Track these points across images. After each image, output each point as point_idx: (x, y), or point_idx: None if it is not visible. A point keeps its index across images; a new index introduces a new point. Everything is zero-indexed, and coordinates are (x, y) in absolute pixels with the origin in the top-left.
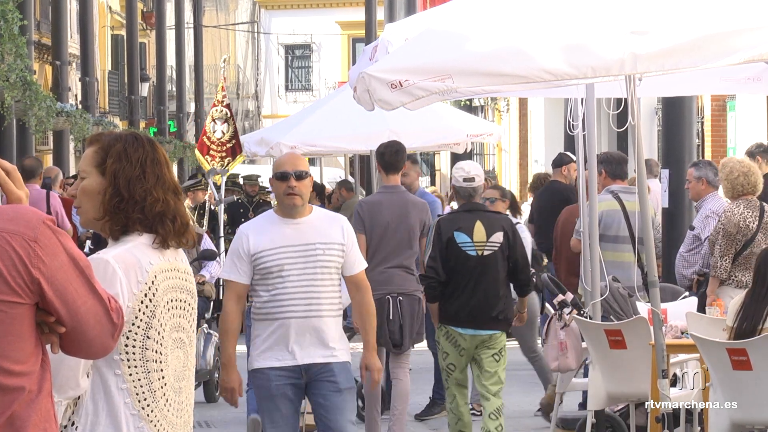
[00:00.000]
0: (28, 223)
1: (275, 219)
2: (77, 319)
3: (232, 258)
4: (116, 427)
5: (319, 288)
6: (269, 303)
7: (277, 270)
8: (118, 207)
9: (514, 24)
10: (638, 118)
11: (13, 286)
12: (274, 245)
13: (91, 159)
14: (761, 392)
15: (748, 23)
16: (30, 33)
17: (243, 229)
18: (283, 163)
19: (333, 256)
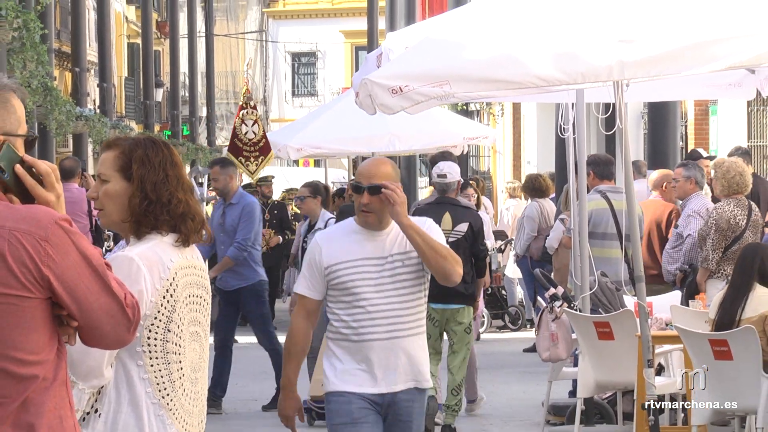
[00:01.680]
0: (39, 222)
1: (354, 229)
2: (89, 314)
3: (304, 270)
4: (138, 414)
5: (401, 305)
6: (345, 323)
7: (352, 286)
8: (147, 210)
9: (508, 33)
10: (625, 121)
11: (24, 282)
12: (349, 258)
13: (112, 163)
14: (741, 381)
15: (728, 32)
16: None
17: (317, 239)
18: (360, 174)
19: (412, 266)
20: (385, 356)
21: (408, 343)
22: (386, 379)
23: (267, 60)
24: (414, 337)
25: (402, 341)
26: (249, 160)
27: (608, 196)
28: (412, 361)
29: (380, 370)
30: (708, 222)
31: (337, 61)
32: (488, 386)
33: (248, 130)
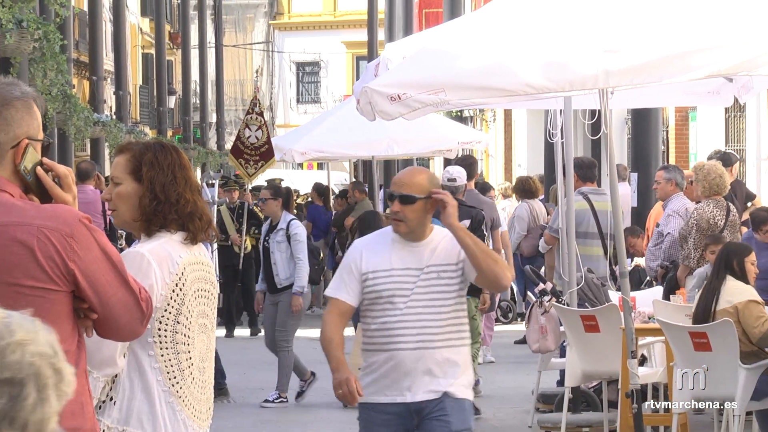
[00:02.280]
0: (65, 220)
1: (393, 238)
2: (108, 307)
3: (341, 273)
4: (150, 402)
5: (434, 317)
6: (378, 332)
7: (387, 296)
8: (156, 209)
9: (500, 43)
10: (610, 127)
11: (51, 276)
12: (387, 267)
13: (124, 167)
14: (718, 371)
15: (707, 43)
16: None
17: (358, 245)
18: (394, 182)
19: (449, 279)
20: (414, 366)
21: (439, 354)
22: (413, 389)
23: (273, 69)
24: (446, 349)
25: (432, 352)
26: (249, 163)
27: (589, 198)
28: (440, 373)
29: (408, 380)
30: (689, 222)
31: (339, 70)
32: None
33: (251, 135)
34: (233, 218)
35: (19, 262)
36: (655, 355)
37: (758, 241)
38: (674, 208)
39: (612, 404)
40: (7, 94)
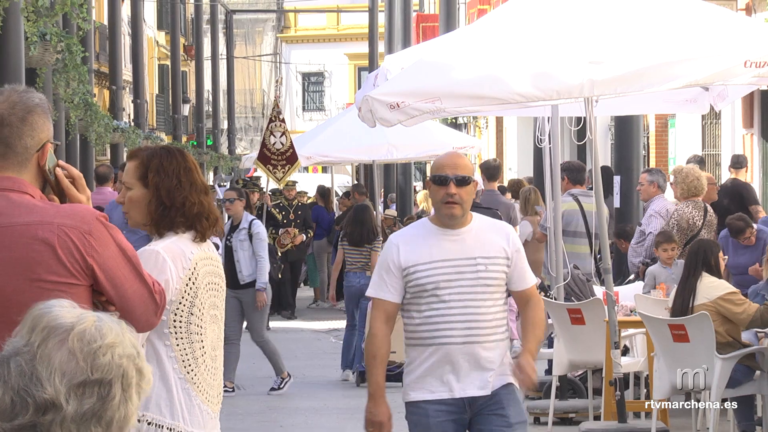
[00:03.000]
0: (83, 218)
1: (431, 229)
2: (125, 299)
3: (380, 272)
4: (168, 388)
5: (481, 309)
6: (422, 326)
7: (432, 288)
8: (162, 214)
9: (492, 55)
10: (595, 133)
11: (72, 271)
12: (428, 259)
13: (133, 173)
14: (696, 361)
15: (685, 55)
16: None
17: (393, 240)
18: (443, 165)
19: (496, 272)
20: (461, 361)
21: (486, 349)
22: (460, 384)
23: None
24: (492, 343)
25: (479, 346)
26: (276, 168)
27: (579, 199)
28: (488, 368)
29: (455, 375)
30: (670, 222)
31: (342, 80)
32: None
33: (276, 141)
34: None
35: (41, 258)
36: (637, 346)
37: (734, 240)
38: (656, 208)
39: (596, 391)
40: (28, 102)
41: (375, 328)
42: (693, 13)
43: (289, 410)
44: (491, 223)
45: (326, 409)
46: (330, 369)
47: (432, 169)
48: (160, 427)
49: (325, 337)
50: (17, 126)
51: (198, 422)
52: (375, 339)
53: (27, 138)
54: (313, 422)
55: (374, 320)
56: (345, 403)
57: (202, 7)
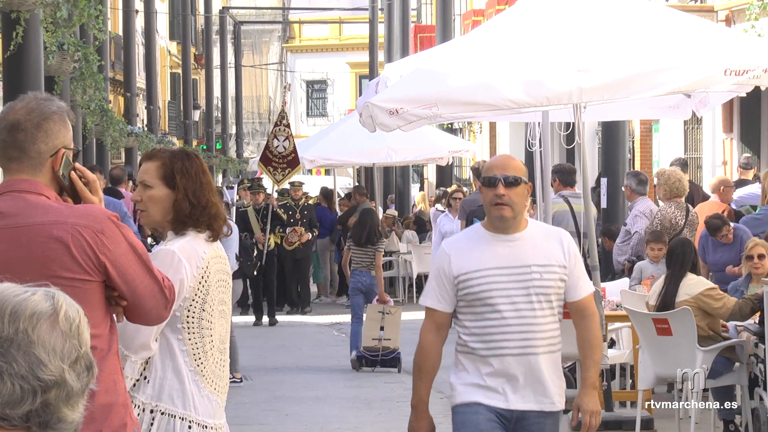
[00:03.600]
0: (96, 218)
1: (484, 235)
2: (136, 294)
3: (431, 281)
4: (180, 380)
5: (537, 319)
6: (476, 336)
7: (485, 297)
8: (191, 213)
9: (486, 64)
10: (583, 137)
11: (85, 267)
12: (481, 267)
13: (155, 172)
14: (678, 353)
15: (669, 63)
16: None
17: (445, 247)
18: (492, 167)
19: (552, 281)
20: (516, 372)
21: (541, 360)
22: (515, 396)
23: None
24: (547, 354)
25: (534, 358)
26: (277, 170)
27: (569, 200)
28: (544, 380)
29: (510, 386)
30: (653, 222)
31: (344, 88)
32: None
33: (279, 145)
34: (258, 219)
35: (56, 256)
36: (623, 339)
37: (713, 239)
38: (640, 209)
39: None
40: (45, 109)
41: (424, 340)
42: (675, 24)
43: (293, 399)
44: (546, 229)
45: (329, 398)
46: (332, 360)
47: (482, 172)
48: (173, 417)
49: (328, 330)
50: (31, 131)
51: (208, 412)
52: (422, 351)
53: (41, 143)
54: (317, 411)
55: (424, 331)
56: (346, 392)
57: (212, 19)
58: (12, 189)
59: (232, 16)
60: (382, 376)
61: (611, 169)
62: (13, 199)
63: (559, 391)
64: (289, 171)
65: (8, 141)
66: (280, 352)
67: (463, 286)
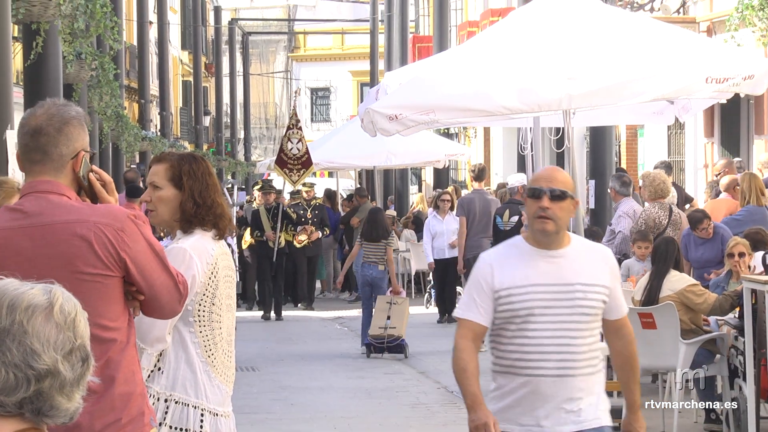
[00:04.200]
0: (116, 217)
1: (526, 249)
2: (153, 289)
3: (470, 291)
4: (192, 370)
5: (577, 340)
6: (512, 354)
7: (525, 314)
8: (197, 212)
9: (481, 72)
10: (572, 141)
11: (107, 263)
12: (524, 282)
13: (163, 174)
14: (662, 345)
15: (653, 72)
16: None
17: (487, 259)
18: (538, 178)
19: (595, 301)
20: (553, 394)
21: (580, 382)
22: (551, 419)
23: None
24: (587, 376)
25: (573, 380)
26: (292, 171)
27: None
28: (582, 402)
29: (546, 409)
30: (638, 222)
31: (346, 95)
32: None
33: (293, 147)
34: (269, 217)
35: (79, 253)
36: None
37: (695, 237)
38: (624, 209)
39: None
40: (65, 114)
41: (461, 344)
42: (659, 34)
43: (298, 389)
44: (590, 246)
45: (332, 388)
46: (336, 353)
47: (529, 183)
48: (186, 405)
49: (331, 324)
50: (53, 135)
51: (218, 400)
52: (462, 353)
53: (62, 146)
54: (321, 400)
55: (460, 338)
56: (349, 383)
57: (222, 30)
58: (35, 190)
59: (240, 27)
60: (382, 367)
61: (599, 171)
62: (36, 199)
63: (595, 411)
64: (303, 171)
65: (31, 145)
66: (286, 344)
67: (504, 302)
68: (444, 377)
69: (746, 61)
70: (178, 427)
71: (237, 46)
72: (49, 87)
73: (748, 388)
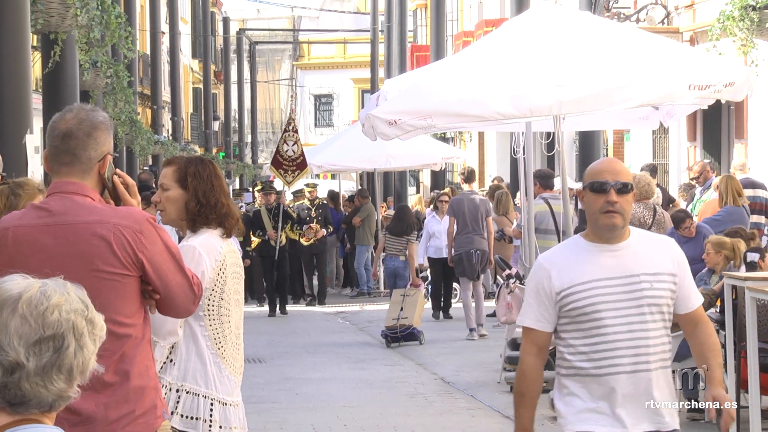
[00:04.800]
0: (135, 219)
1: (586, 246)
2: (168, 289)
3: (529, 298)
4: (202, 362)
5: (649, 333)
6: (583, 355)
7: (591, 312)
8: (200, 211)
9: (475, 80)
10: (562, 145)
11: (125, 263)
12: (586, 279)
13: (172, 176)
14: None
15: (639, 79)
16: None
17: (543, 262)
18: (601, 171)
19: (663, 290)
20: (630, 391)
21: (654, 377)
22: (631, 418)
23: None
24: (660, 371)
25: (648, 375)
26: (287, 172)
27: (549, 202)
28: (657, 399)
29: (624, 408)
30: None
31: (348, 101)
32: (461, 341)
33: (288, 149)
34: (270, 217)
35: (99, 252)
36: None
37: (679, 236)
38: None
39: None
40: (94, 119)
41: (525, 364)
42: (645, 44)
43: (303, 380)
44: (652, 237)
45: (334, 379)
46: (338, 345)
47: (588, 176)
48: (196, 395)
49: (334, 318)
50: (83, 139)
51: (227, 390)
52: (524, 377)
53: (91, 150)
54: (324, 390)
55: (525, 354)
56: (350, 374)
57: (230, 39)
58: (60, 190)
59: (247, 36)
60: (382, 359)
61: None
62: (61, 199)
63: (671, 410)
64: (298, 173)
65: (61, 148)
66: (291, 338)
67: (567, 301)
68: (440, 369)
69: (727, 70)
70: (189, 416)
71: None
72: (66, 94)
73: (728, 379)
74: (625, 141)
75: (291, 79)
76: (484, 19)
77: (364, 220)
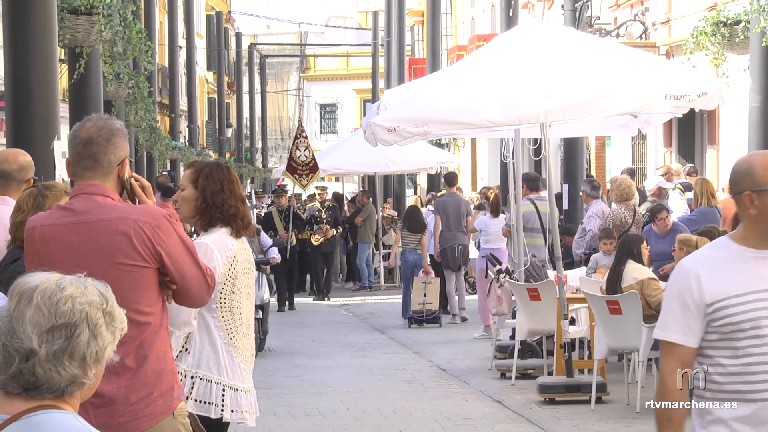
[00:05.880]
0: (153, 215)
1: (737, 251)
2: (184, 280)
3: (672, 308)
4: (215, 351)
5: None
6: (738, 376)
7: (749, 327)
8: (204, 210)
9: (468, 90)
10: (548, 150)
11: (144, 256)
12: (742, 290)
13: (188, 178)
14: (627, 329)
15: (619, 90)
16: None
17: (689, 266)
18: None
19: None
20: None
21: None
22: None
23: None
24: None
25: None
26: (302, 176)
27: (535, 203)
28: None
29: None
30: (606, 221)
31: (351, 110)
32: (453, 331)
33: (301, 154)
34: (281, 218)
35: (121, 247)
36: (581, 317)
37: (655, 233)
38: (594, 210)
39: (550, 353)
40: (112, 127)
41: (668, 383)
42: (624, 57)
43: (309, 368)
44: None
45: (338, 366)
46: (341, 336)
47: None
48: (209, 382)
49: (338, 310)
50: (103, 145)
51: (238, 377)
52: (670, 396)
53: (110, 155)
54: (329, 377)
55: (667, 374)
56: (353, 362)
57: (242, 53)
58: (83, 192)
59: (258, 50)
60: (382, 348)
61: (571, 177)
62: (84, 200)
63: None
64: (311, 176)
65: (84, 153)
66: (298, 329)
67: (720, 315)
68: (435, 357)
69: (700, 81)
70: (202, 401)
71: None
72: (91, 103)
73: None
74: (606, 147)
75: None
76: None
77: (365, 220)
